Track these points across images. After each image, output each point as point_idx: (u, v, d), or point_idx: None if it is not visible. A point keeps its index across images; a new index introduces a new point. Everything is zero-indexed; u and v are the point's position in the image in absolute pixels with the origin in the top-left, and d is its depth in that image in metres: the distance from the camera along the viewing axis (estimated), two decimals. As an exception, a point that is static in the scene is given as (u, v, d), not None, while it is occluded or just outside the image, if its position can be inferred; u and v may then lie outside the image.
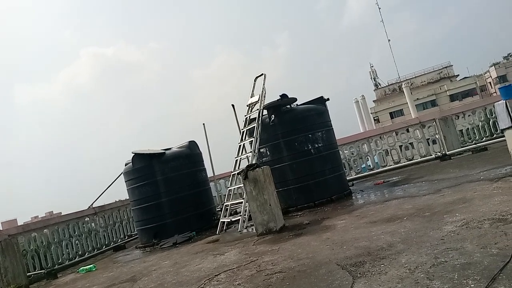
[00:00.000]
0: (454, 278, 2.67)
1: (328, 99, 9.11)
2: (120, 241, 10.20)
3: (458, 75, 62.34)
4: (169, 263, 6.00)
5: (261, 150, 8.24)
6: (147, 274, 5.55)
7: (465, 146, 10.73)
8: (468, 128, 11.30)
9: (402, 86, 57.61)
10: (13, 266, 6.98)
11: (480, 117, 11.08)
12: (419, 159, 11.01)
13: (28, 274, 7.54)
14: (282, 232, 6.02)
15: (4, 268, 6.86)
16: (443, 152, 10.63)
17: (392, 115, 57.58)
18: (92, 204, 10.49)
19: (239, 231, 7.15)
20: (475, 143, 10.74)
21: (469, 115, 11.25)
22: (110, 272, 6.68)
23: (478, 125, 11.09)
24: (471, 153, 10.15)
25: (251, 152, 7.79)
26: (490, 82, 58.56)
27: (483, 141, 10.74)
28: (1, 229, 8.66)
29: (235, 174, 8.00)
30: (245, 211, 7.37)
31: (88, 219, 9.89)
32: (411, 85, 59.37)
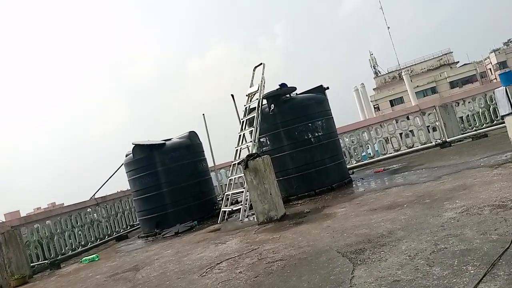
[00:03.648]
0: (454, 264, 2.70)
1: (327, 88, 9.09)
2: (122, 231, 10.27)
3: (458, 61, 61.96)
4: (171, 252, 6.06)
5: (261, 139, 8.25)
6: (149, 263, 5.61)
7: (465, 133, 10.73)
8: (468, 115, 11.26)
9: (402, 74, 57.31)
10: (16, 257, 7.06)
11: (480, 104, 11.04)
12: (419, 147, 11.02)
13: (31, 264, 7.62)
14: (283, 221, 6.06)
15: (7, 259, 6.94)
16: (443, 139, 10.64)
17: (392, 103, 57.39)
18: (94, 195, 10.54)
19: (240, 220, 7.19)
20: (475, 130, 10.73)
21: (469, 102, 11.22)
22: (113, 261, 6.74)
23: (478, 112, 11.05)
24: (471, 139, 10.15)
25: (251, 141, 7.79)
26: (490, 69, 58.24)
27: (483, 128, 10.72)
28: (4, 220, 8.72)
29: (235, 163, 8.02)
30: (246, 200, 7.41)
31: (90, 209, 9.94)
32: (411, 72, 59.04)
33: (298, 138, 8.13)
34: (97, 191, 10.73)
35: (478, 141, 9.60)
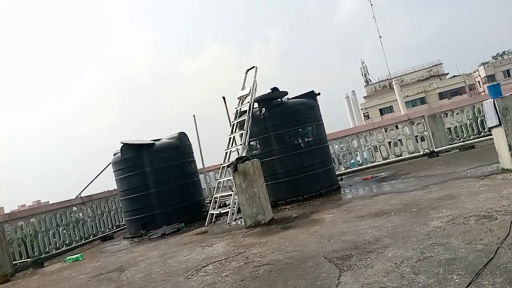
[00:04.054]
0: (439, 273, 2.72)
1: (319, 94, 9.13)
2: (108, 231, 10.15)
3: (448, 73, 62.92)
4: (157, 253, 6.00)
5: (251, 143, 8.24)
6: (134, 264, 5.54)
7: (453, 144, 10.87)
8: (456, 126, 11.43)
9: (393, 83, 57.94)
10: (-2, 255, 6.91)
11: (468, 115, 11.22)
12: (407, 156, 11.13)
13: (14, 262, 7.49)
14: (271, 225, 6.06)
15: (-11, 256, 6.79)
16: (431, 149, 10.76)
17: (382, 112, 57.94)
18: (80, 193, 10.41)
19: (228, 223, 7.16)
20: (462, 141, 10.88)
21: (457, 113, 11.39)
22: (97, 261, 6.65)
23: (466, 123, 11.23)
24: (458, 150, 10.28)
25: (241, 144, 7.78)
26: (479, 81, 59.30)
27: (471, 139, 10.88)
28: (-14, 217, 8.57)
29: (224, 166, 7.99)
30: (234, 203, 7.38)
31: (75, 208, 9.81)
32: (401, 82, 59.74)
33: (288, 142, 8.15)
34: (84, 189, 10.61)
35: (465, 152, 9.73)
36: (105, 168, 10.36)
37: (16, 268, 7.45)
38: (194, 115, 11.24)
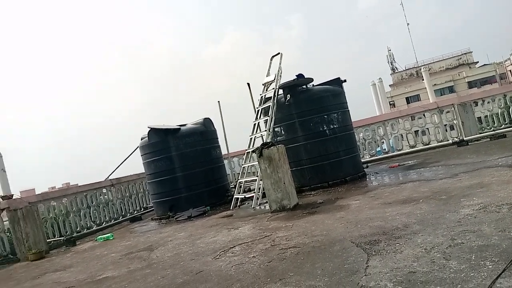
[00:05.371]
0: (471, 259, 2.70)
1: (345, 81, 9.02)
2: (136, 213, 10.45)
3: (478, 62, 60.73)
4: (184, 234, 6.15)
5: (276, 129, 8.26)
6: (163, 244, 5.71)
7: (483, 133, 10.57)
8: (486, 115, 11.09)
9: (421, 70, 56.37)
10: (33, 232, 7.24)
11: (499, 104, 10.86)
12: (435, 144, 10.90)
13: (48, 240, 7.82)
14: (296, 210, 6.10)
15: (25, 234, 7.13)
16: (461, 138, 10.50)
17: (408, 100, 56.67)
18: (109, 176, 10.72)
19: (253, 207, 7.25)
20: (493, 130, 10.56)
21: (488, 102, 11.04)
22: (127, 241, 6.88)
23: (497, 112, 10.88)
24: (489, 139, 10.01)
25: (266, 130, 7.81)
26: (510, 70, 56.92)
27: (502, 128, 10.55)
28: (21, 197, 8.93)
29: (249, 152, 8.05)
30: (259, 188, 7.46)
31: (105, 190, 10.13)
32: (428, 70, 58.12)
33: (313, 129, 8.12)
34: (112, 172, 10.92)
35: (496, 141, 9.46)
36: (133, 151, 10.61)
37: (50, 246, 7.79)
38: (218, 101, 11.32)
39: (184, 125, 9.68)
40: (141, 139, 9.54)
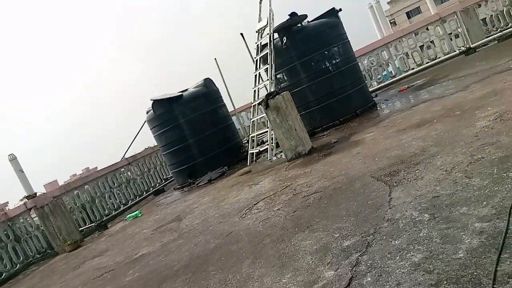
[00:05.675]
0: (493, 173, 2.66)
1: (340, 10, 8.59)
2: (158, 186, 10.68)
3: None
4: (208, 199, 6.27)
5: (278, 76, 8.06)
6: (190, 212, 5.84)
7: (490, 36, 10.14)
8: (492, 15, 10.56)
9: (417, -20, 53.51)
10: (64, 225, 7.50)
11: (504, 2, 10.29)
12: (442, 57, 10.55)
13: (80, 229, 8.11)
14: (312, 154, 6.09)
15: (57, 227, 7.38)
16: (467, 46, 10.11)
17: (409, 15, 54.34)
18: (124, 155, 10.85)
19: (269, 159, 7.27)
20: (500, 31, 10.10)
21: (492, 1, 10.46)
22: (155, 215, 7.07)
23: (503, 11, 10.33)
24: (497, 42, 9.63)
25: (268, 80, 7.64)
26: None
27: (509, 27, 10.08)
28: (45, 191, 9.18)
29: (255, 104, 7.95)
30: (272, 139, 7.43)
31: (123, 169, 10.30)
32: (425, -22, 55.08)
33: (315, 68, 7.89)
34: (126, 151, 11.04)
35: (504, 43, 9.10)
36: (141, 127, 10.63)
37: (84, 234, 8.09)
38: (215, 59, 11.09)
39: (186, 90, 9.55)
40: (147, 113, 9.49)
